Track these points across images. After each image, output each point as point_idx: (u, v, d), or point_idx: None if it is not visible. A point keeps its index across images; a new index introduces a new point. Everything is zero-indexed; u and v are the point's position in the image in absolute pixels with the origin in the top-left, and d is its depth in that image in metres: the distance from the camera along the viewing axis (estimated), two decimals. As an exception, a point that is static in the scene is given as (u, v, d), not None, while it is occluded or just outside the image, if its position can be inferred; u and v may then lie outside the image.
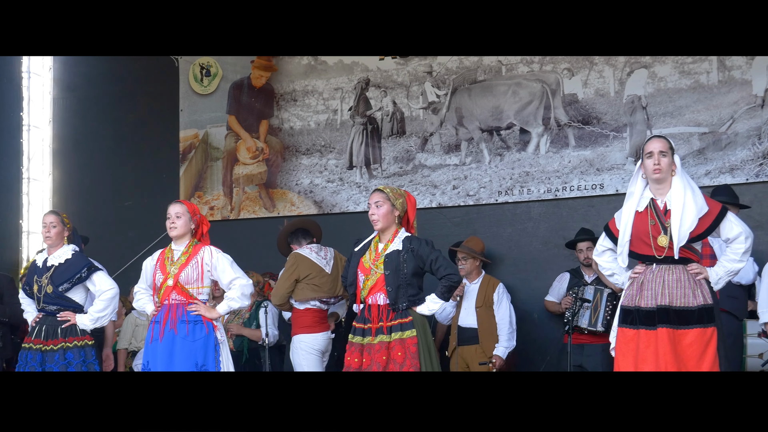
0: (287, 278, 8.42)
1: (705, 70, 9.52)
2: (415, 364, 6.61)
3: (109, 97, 11.90)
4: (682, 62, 9.58)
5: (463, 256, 8.98)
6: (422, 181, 10.49)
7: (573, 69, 9.97)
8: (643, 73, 9.72)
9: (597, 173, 9.83)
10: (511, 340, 8.86)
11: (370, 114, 10.79)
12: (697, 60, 9.52)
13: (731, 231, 6.11)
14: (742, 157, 9.30)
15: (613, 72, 9.84)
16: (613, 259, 6.33)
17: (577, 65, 9.97)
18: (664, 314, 5.99)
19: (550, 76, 10.07)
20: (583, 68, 9.95)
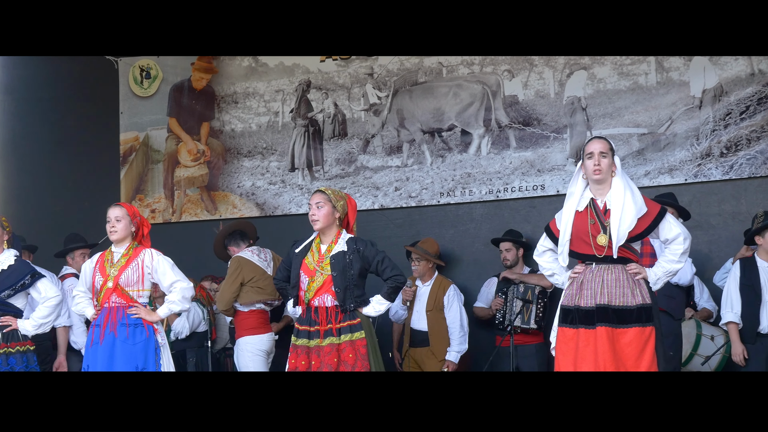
0: (232, 282, 8.38)
1: (643, 72, 9.57)
2: (366, 365, 6.67)
3: (49, 99, 11.76)
4: (621, 63, 9.63)
5: (417, 257, 8.98)
6: (364, 183, 10.47)
7: (513, 71, 10.00)
8: (582, 74, 9.76)
9: (538, 174, 9.85)
10: (463, 343, 8.87)
11: (312, 116, 10.75)
12: (636, 61, 9.57)
13: (670, 232, 6.16)
14: (680, 157, 9.36)
15: (553, 73, 9.87)
16: (554, 259, 6.35)
17: (517, 67, 9.99)
18: (603, 313, 6.02)
19: (491, 78, 10.08)
20: (523, 70, 9.97)
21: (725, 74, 9.30)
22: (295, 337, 6.84)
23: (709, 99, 9.32)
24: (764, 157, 9.08)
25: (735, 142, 9.19)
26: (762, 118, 9.12)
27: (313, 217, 6.85)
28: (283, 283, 7.04)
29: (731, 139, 9.20)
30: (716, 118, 9.28)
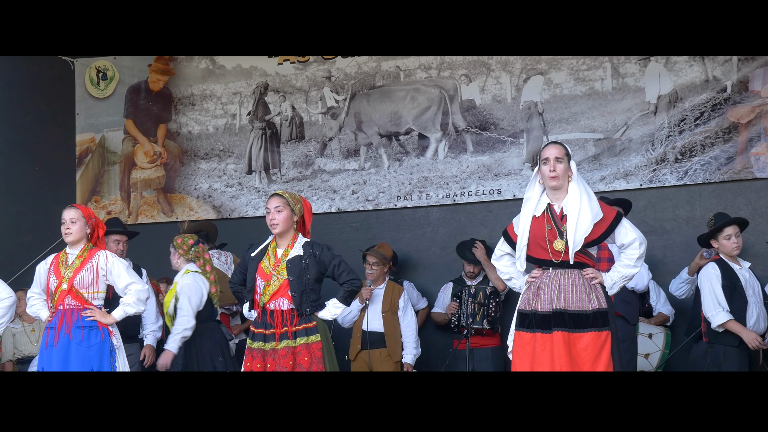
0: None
1: (599, 77, 9.61)
2: (321, 368, 6.62)
3: (4, 100, 11.62)
4: (577, 69, 9.66)
5: (375, 261, 8.94)
6: (321, 186, 10.42)
7: (470, 75, 10.00)
8: (539, 79, 9.78)
9: (495, 178, 9.86)
10: (418, 347, 8.87)
11: (269, 119, 10.69)
12: (592, 67, 9.61)
13: (626, 237, 6.15)
14: (636, 163, 9.40)
15: (510, 78, 9.88)
16: (512, 263, 6.32)
17: (475, 71, 10.00)
18: (559, 318, 5.99)
19: (448, 82, 10.08)
20: (480, 74, 9.98)
21: (680, 80, 9.35)
22: (251, 340, 6.78)
23: (664, 105, 9.37)
24: (718, 163, 9.14)
25: (689, 148, 9.23)
26: (716, 125, 9.18)
27: (273, 221, 6.78)
28: (239, 287, 6.98)
29: (686, 145, 9.25)
30: (671, 124, 9.33)
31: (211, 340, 7.97)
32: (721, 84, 9.23)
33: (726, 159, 9.14)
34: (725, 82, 9.23)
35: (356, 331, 8.88)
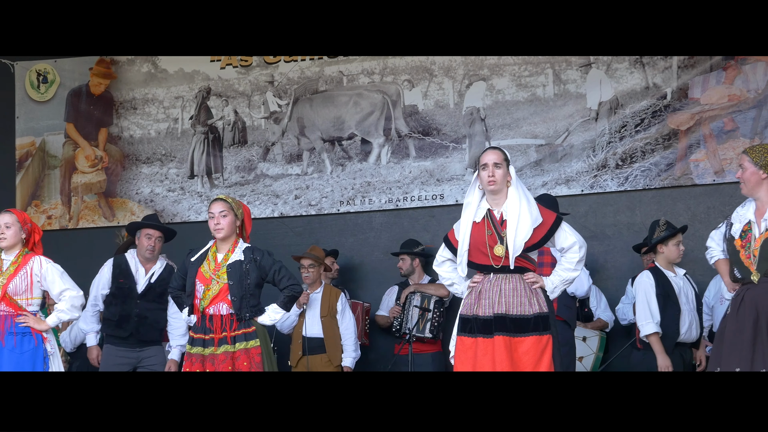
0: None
1: (541, 84, 9.62)
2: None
3: (-58, 103, 11.43)
4: (519, 75, 9.67)
5: (310, 264, 8.87)
6: (264, 191, 10.34)
7: (413, 80, 9.98)
8: (481, 85, 9.77)
9: (437, 184, 9.84)
10: (357, 350, 8.80)
11: (212, 123, 10.59)
12: (534, 73, 9.62)
13: (566, 241, 6.14)
14: (577, 168, 9.41)
15: (453, 84, 9.87)
16: (453, 269, 6.31)
17: (417, 77, 9.98)
18: (500, 322, 5.98)
19: (391, 87, 10.05)
20: (423, 80, 9.95)
21: (621, 87, 9.39)
22: (190, 345, 6.76)
23: (605, 111, 9.39)
24: (658, 169, 9.18)
25: (630, 154, 9.27)
26: (656, 131, 9.22)
27: (218, 226, 6.75)
28: (177, 292, 6.96)
29: (626, 151, 9.28)
30: (612, 130, 9.36)
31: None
32: (661, 91, 9.27)
33: (666, 165, 9.18)
34: (665, 89, 9.27)
35: (296, 337, 8.80)
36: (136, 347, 8.11)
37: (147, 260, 8.28)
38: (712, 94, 9.15)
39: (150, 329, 8.16)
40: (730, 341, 5.75)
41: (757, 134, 8.98)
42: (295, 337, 8.83)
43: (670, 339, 7.60)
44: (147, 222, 8.60)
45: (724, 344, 5.85)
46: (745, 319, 5.74)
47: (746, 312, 5.74)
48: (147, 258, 8.27)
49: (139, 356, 8.12)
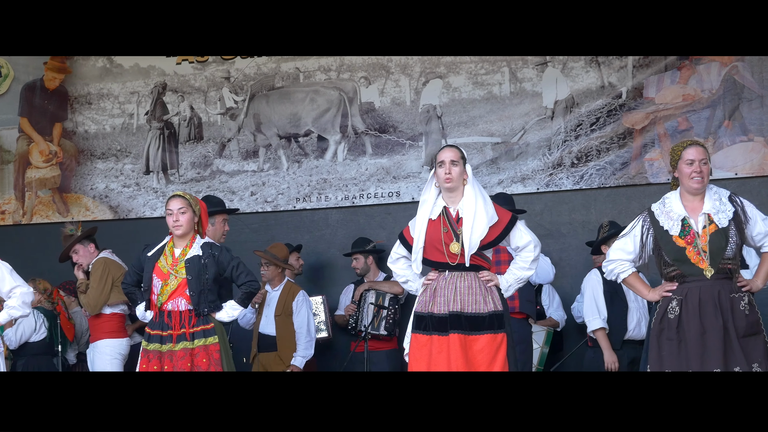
0: (105, 283, 8.23)
1: (498, 82, 9.62)
2: (219, 370, 6.56)
3: None
4: (476, 73, 9.66)
5: (266, 262, 8.83)
6: (220, 187, 10.28)
7: (370, 77, 9.96)
8: (438, 83, 9.77)
9: (393, 181, 9.82)
10: (309, 348, 8.72)
11: (167, 119, 10.52)
12: (490, 71, 9.61)
13: (521, 240, 6.15)
14: (533, 167, 9.42)
15: (409, 81, 9.85)
16: (408, 266, 6.29)
17: (374, 74, 9.95)
18: (456, 320, 5.97)
19: (348, 84, 10.02)
20: (379, 77, 9.94)
21: (576, 86, 9.41)
22: (147, 342, 6.69)
23: (560, 110, 9.41)
24: (613, 168, 9.21)
25: (585, 153, 9.29)
26: (611, 130, 9.25)
27: (177, 222, 6.71)
28: (131, 288, 6.91)
29: (582, 150, 9.30)
30: (567, 128, 9.37)
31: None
32: (617, 90, 9.30)
33: (621, 164, 9.21)
34: (620, 89, 9.30)
35: (253, 334, 8.76)
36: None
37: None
38: (667, 93, 9.18)
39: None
40: (695, 343, 5.70)
41: (711, 134, 9.02)
42: (254, 334, 8.80)
43: (618, 335, 7.64)
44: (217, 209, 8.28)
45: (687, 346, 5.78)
46: (709, 319, 5.70)
47: (708, 311, 5.71)
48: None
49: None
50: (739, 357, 5.62)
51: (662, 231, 5.82)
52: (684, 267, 5.75)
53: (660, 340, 5.80)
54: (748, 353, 5.65)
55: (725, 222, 5.74)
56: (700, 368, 5.62)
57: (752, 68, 8.97)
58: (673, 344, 5.74)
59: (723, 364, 5.62)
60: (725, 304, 5.70)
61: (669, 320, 5.78)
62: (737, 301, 5.73)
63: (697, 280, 5.73)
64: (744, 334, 5.68)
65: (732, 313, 5.70)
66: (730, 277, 5.75)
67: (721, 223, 5.74)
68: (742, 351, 5.63)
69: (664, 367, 5.72)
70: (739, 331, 5.67)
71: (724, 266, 5.73)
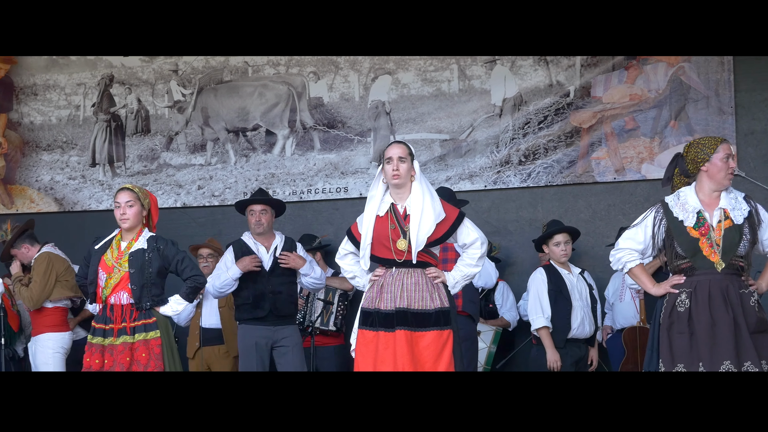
0: (48, 278, 8.18)
1: (446, 79, 9.61)
2: (159, 365, 6.51)
3: None
4: (425, 70, 9.65)
5: (210, 254, 8.75)
6: (167, 181, 10.21)
7: (318, 73, 9.91)
8: (387, 79, 9.75)
9: (342, 176, 9.80)
10: None
11: (114, 111, 10.43)
12: (439, 68, 9.61)
13: (468, 237, 6.13)
14: (480, 164, 9.42)
15: (358, 77, 9.82)
16: (355, 262, 6.26)
17: (323, 69, 9.91)
18: (402, 317, 5.94)
19: (296, 79, 9.98)
20: (328, 72, 9.89)
21: (525, 84, 9.42)
22: (91, 335, 6.63)
23: (509, 108, 9.42)
24: (560, 166, 9.23)
25: (533, 151, 9.30)
26: (559, 128, 9.26)
27: (124, 215, 6.65)
28: (84, 280, 6.83)
29: (529, 148, 9.32)
30: (515, 126, 9.38)
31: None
32: (565, 89, 9.32)
33: (568, 162, 9.23)
34: (568, 87, 9.32)
35: (194, 329, 8.66)
36: (273, 325, 7.84)
37: (261, 236, 7.98)
38: (614, 93, 9.22)
39: (286, 304, 7.90)
40: (706, 335, 5.67)
41: (657, 134, 9.07)
42: (192, 329, 8.69)
43: (561, 334, 7.62)
44: (256, 198, 8.23)
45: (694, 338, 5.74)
46: (719, 312, 5.68)
47: (717, 304, 5.69)
48: (259, 234, 7.97)
49: (274, 335, 7.86)
50: (750, 352, 5.58)
51: (676, 222, 5.76)
52: (696, 259, 5.71)
53: (671, 334, 5.72)
54: (759, 349, 5.62)
55: (740, 219, 5.73)
56: (710, 361, 5.57)
57: (698, 69, 9.01)
58: (684, 338, 5.67)
59: (735, 357, 5.58)
60: (735, 299, 5.67)
61: (679, 314, 5.72)
62: (747, 297, 5.70)
63: (707, 274, 5.69)
64: (754, 330, 5.64)
65: (742, 308, 5.66)
66: (740, 274, 5.74)
67: (737, 220, 5.72)
68: (755, 347, 5.60)
69: (675, 362, 5.66)
70: (750, 326, 5.63)
71: (736, 263, 5.71)
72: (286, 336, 7.86)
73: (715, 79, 8.98)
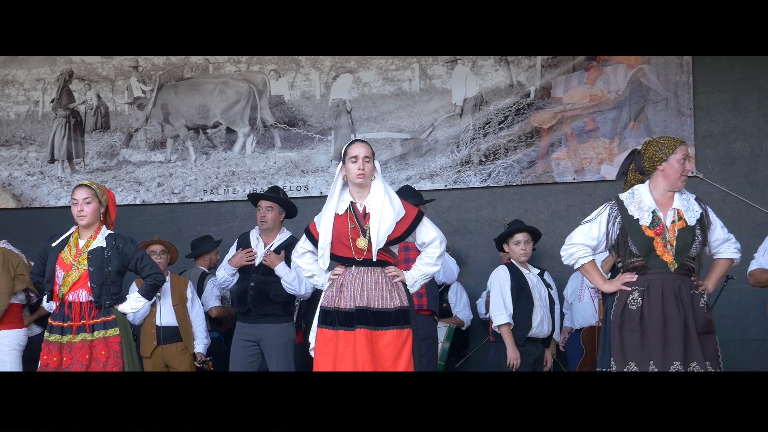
0: (6, 273, 8.01)
1: (407, 78, 9.61)
2: (119, 363, 6.50)
3: None
4: (386, 69, 9.64)
5: (162, 250, 8.69)
6: (126, 178, 10.15)
7: (280, 71, 9.88)
8: (348, 78, 9.73)
9: (302, 175, 9.77)
10: (208, 336, 8.64)
11: (74, 107, 10.35)
12: (400, 67, 9.60)
13: (426, 236, 6.11)
14: (441, 163, 9.43)
15: (319, 75, 9.80)
16: (314, 260, 6.23)
17: (284, 67, 9.87)
18: (362, 315, 5.93)
19: (257, 77, 9.94)
20: (289, 70, 9.86)
21: (486, 84, 9.42)
22: (48, 333, 6.58)
23: (469, 108, 9.42)
24: (521, 167, 9.24)
25: (493, 151, 9.31)
26: (519, 129, 9.28)
27: (81, 213, 6.60)
28: (39, 278, 6.79)
29: (490, 148, 9.32)
30: (476, 126, 9.38)
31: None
32: (525, 89, 9.34)
33: (528, 163, 9.25)
34: (529, 88, 9.34)
35: (148, 327, 8.58)
36: (256, 322, 7.77)
37: (266, 233, 7.91)
38: (574, 93, 9.24)
39: (267, 302, 7.80)
40: (657, 334, 5.70)
41: (617, 134, 9.10)
42: (146, 328, 8.61)
43: (522, 331, 7.62)
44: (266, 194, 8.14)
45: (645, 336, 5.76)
46: (671, 311, 5.70)
47: (670, 303, 5.71)
48: (264, 230, 7.91)
49: (258, 333, 7.79)
50: (697, 353, 5.62)
51: (631, 220, 5.76)
52: (649, 258, 5.72)
53: (622, 332, 5.73)
54: (705, 350, 5.65)
55: (693, 221, 5.75)
56: (661, 361, 5.61)
57: (658, 71, 9.05)
58: (636, 336, 5.69)
59: (683, 357, 5.61)
60: (686, 299, 5.69)
61: (631, 312, 5.72)
62: (697, 298, 5.73)
63: (660, 273, 5.70)
64: (701, 331, 5.68)
65: (693, 309, 5.69)
66: (690, 275, 5.76)
67: (690, 221, 5.74)
68: (701, 347, 5.64)
69: (627, 360, 5.67)
70: (698, 327, 5.67)
71: (687, 263, 5.74)
72: (270, 335, 7.79)
73: (675, 81, 9.02)
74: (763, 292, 7.33)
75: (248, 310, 7.79)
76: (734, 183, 8.82)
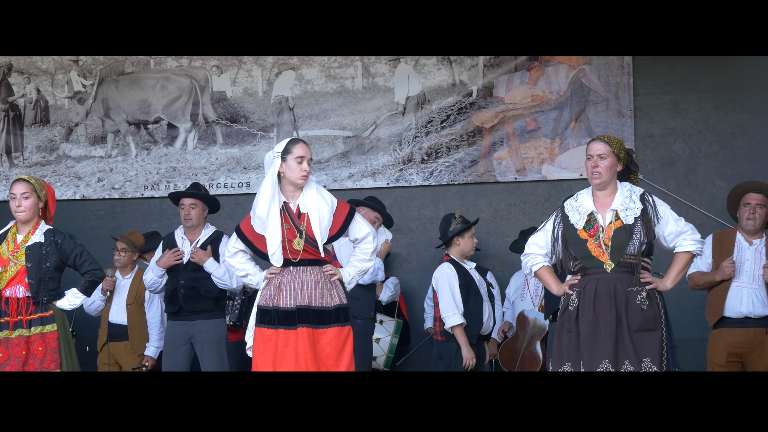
0: None
1: (350, 76, 9.59)
2: (56, 359, 6.50)
3: None
4: (329, 66, 9.62)
5: (123, 248, 8.60)
6: (66, 172, 10.03)
7: (222, 66, 9.82)
8: (290, 74, 9.69)
9: (244, 171, 9.73)
10: (161, 340, 8.53)
11: (12, 101, 10.20)
12: (343, 65, 9.58)
13: (359, 231, 6.13)
14: (383, 162, 9.42)
15: (262, 72, 9.74)
16: (246, 259, 6.20)
17: (226, 63, 9.81)
18: (304, 314, 5.93)
19: (199, 72, 9.86)
20: (231, 66, 9.80)
21: (428, 83, 9.43)
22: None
23: (412, 106, 9.43)
24: (462, 165, 9.26)
25: (435, 150, 9.32)
26: (461, 128, 9.29)
27: (19, 208, 6.58)
28: None
29: (432, 146, 9.34)
30: (418, 125, 9.39)
31: None
32: (468, 88, 9.35)
33: (470, 162, 9.26)
34: (471, 87, 9.35)
35: (104, 322, 8.56)
36: (188, 320, 7.70)
37: (190, 231, 7.85)
38: (516, 93, 9.27)
39: (199, 299, 7.72)
40: (588, 334, 5.73)
41: (558, 135, 9.14)
42: (102, 322, 8.59)
43: (474, 330, 7.58)
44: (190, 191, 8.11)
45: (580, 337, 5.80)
46: (603, 310, 5.73)
47: (603, 303, 5.74)
48: (187, 228, 7.85)
49: (189, 330, 7.70)
50: (629, 351, 5.65)
51: (569, 225, 5.85)
52: (586, 260, 5.78)
53: (561, 333, 5.81)
54: (640, 348, 5.67)
55: (631, 219, 5.77)
56: (590, 360, 5.65)
57: (599, 72, 9.10)
58: (572, 336, 5.74)
59: (613, 357, 5.64)
60: (621, 297, 5.71)
61: (569, 312, 5.78)
62: (634, 295, 5.73)
63: (597, 273, 5.75)
64: (638, 328, 5.69)
65: (626, 306, 5.71)
66: (632, 272, 5.77)
67: (627, 220, 5.76)
68: (633, 345, 5.65)
69: (563, 360, 5.73)
70: (632, 325, 5.68)
71: (626, 260, 5.75)
72: (202, 331, 7.72)
73: (615, 82, 9.08)
74: (702, 293, 7.38)
75: (180, 309, 7.74)
76: (673, 184, 8.88)
